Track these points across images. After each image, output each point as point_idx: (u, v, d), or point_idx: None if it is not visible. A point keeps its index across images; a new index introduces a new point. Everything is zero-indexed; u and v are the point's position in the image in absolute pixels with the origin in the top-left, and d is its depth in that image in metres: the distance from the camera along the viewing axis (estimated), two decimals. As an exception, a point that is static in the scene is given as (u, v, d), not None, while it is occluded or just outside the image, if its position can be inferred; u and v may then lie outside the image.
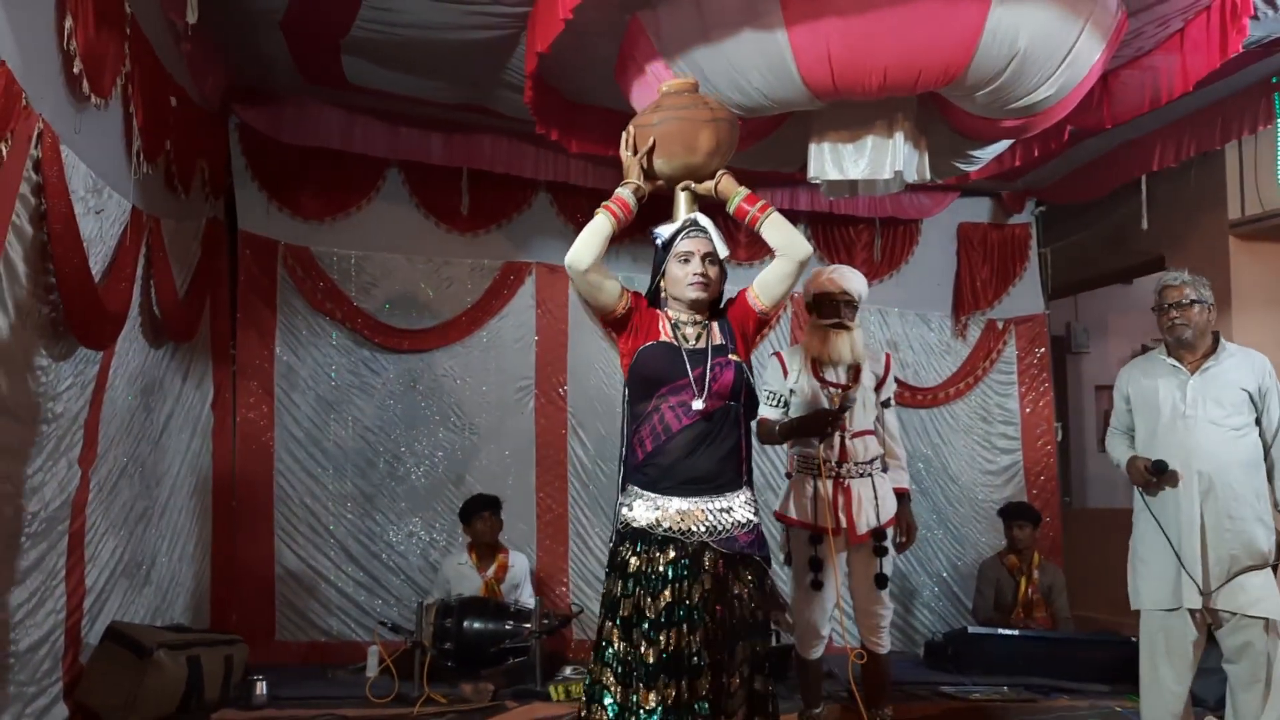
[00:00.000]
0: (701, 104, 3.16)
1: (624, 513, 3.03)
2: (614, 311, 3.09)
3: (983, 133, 4.50)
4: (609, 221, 3.03)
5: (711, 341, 3.07)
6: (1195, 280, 3.97)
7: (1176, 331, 3.96)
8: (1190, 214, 6.47)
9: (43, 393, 3.53)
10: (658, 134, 3.11)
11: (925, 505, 6.93)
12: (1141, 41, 4.60)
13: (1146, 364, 4.15)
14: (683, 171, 3.16)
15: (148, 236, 4.38)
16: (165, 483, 5.20)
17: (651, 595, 2.90)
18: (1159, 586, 3.91)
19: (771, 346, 6.80)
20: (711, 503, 2.99)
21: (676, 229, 3.13)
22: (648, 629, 2.87)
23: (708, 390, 2.98)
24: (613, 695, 2.88)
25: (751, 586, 2.99)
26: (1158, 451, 3.93)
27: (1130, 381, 4.16)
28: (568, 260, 3.01)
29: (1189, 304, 3.93)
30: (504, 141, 6.24)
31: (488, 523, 5.81)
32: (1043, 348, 7.45)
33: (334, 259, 6.38)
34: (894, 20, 3.75)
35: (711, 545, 2.95)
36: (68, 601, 3.94)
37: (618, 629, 2.92)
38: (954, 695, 5.25)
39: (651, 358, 3.04)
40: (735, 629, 2.94)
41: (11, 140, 2.91)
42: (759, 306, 3.13)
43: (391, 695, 4.94)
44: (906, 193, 6.38)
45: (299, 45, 5.12)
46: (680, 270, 3.09)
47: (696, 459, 2.98)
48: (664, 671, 2.84)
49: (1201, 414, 3.88)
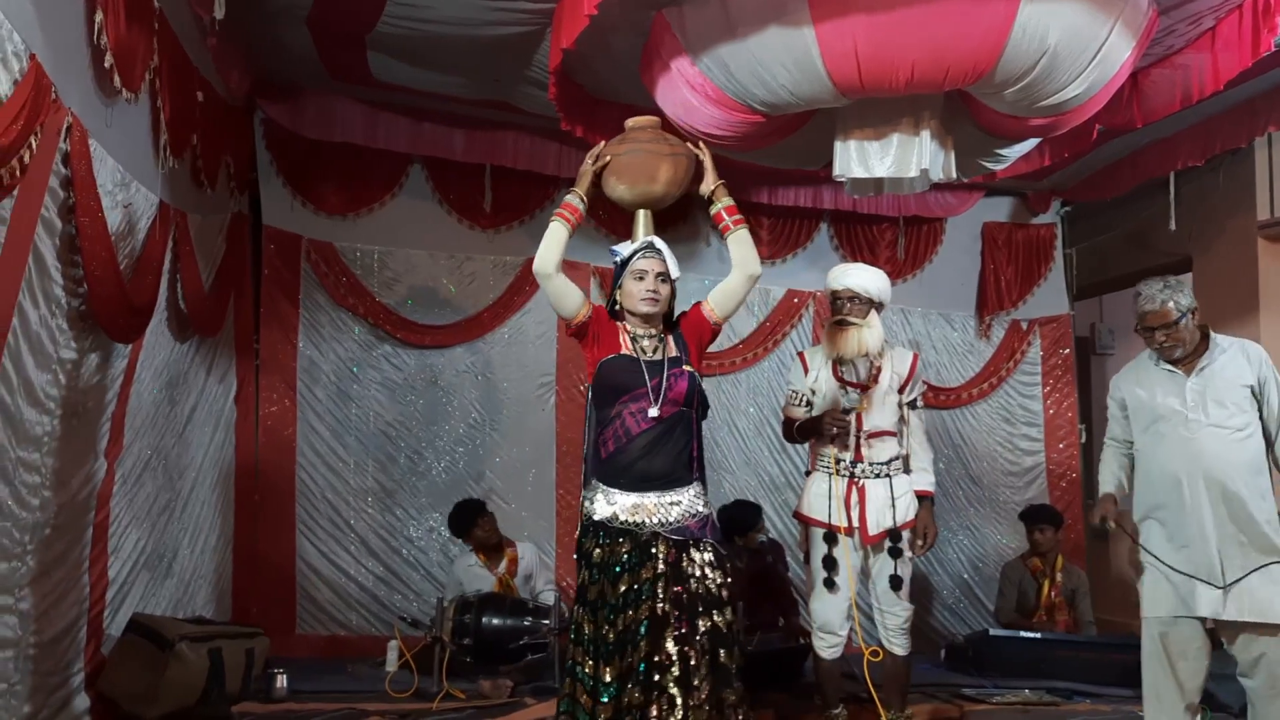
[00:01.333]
0: (662, 140, 3.64)
1: (586, 506, 3.39)
2: (575, 318, 3.45)
3: (1011, 131, 4.46)
4: (563, 227, 3.46)
5: (667, 354, 3.43)
6: (1174, 292, 3.79)
7: (1167, 353, 3.83)
8: (1218, 215, 6.40)
9: (72, 385, 3.54)
10: (624, 163, 3.59)
11: (946, 506, 6.90)
12: (1172, 39, 4.55)
13: (1139, 369, 4.01)
14: (642, 198, 3.64)
15: (174, 231, 4.39)
16: (188, 475, 5.22)
17: (611, 582, 3.26)
18: (1168, 592, 3.79)
19: (795, 346, 6.79)
20: (662, 497, 3.32)
21: (634, 249, 3.50)
22: (608, 613, 3.24)
23: (663, 398, 3.33)
24: (584, 670, 3.26)
25: (707, 567, 3.29)
26: (1161, 456, 3.83)
27: (1125, 390, 4.02)
28: (535, 268, 3.43)
29: (1175, 323, 3.78)
30: (526, 138, 6.25)
31: (484, 528, 5.78)
32: (1067, 348, 7.40)
33: (357, 254, 6.41)
34: (922, 16, 3.72)
35: (662, 534, 3.28)
36: (90, 592, 3.96)
37: (586, 613, 3.30)
38: (975, 697, 5.22)
39: (613, 369, 3.40)
40: (693, 605, 3.23)
41: (41, 133, 2.91)
42: (713, 318, 3.52)
43: (411, 690, 4.95)
44: (931, 191, 6.34)
45: (324, 41, 5.13)
46: (635, 286, 3.44)
47: (652, 459, 3.33)
48: (621, 648, 3.19)
49: (1204, 417, 3.76)
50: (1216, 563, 3.68)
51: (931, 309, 7.30)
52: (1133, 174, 6.43)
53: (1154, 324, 3.82)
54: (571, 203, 3.51)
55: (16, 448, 3.18)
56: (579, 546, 3.40)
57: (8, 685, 3.27)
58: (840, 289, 4.42)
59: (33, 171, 2.89)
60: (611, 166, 3.60)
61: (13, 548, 3.26)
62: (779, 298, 7.01)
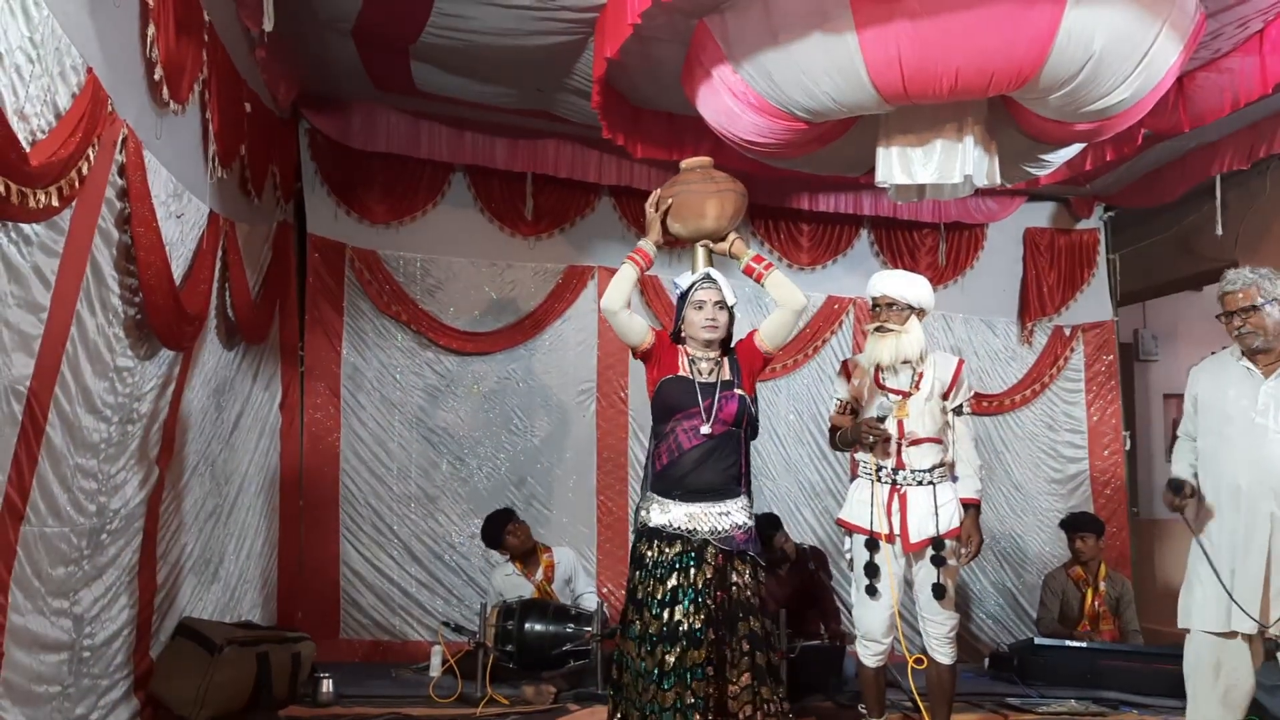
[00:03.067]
0: (709, 179, 3.90)
1: (642, 515, 3.65)
2: (640, 346, 3.75)
3: (1055, 136, 4.42)
4: (634, 270, 3.77)
5: (721, 377, 3.69)
6: (1261, 279, 3.65)
7: (1245, 340, 3.67)
8: (1265, 219, 6.32)
9: (129, 393, 3.61)
10: (676, 203, 3.87)
11: (989, 514, 6.81)
12: (1220, 43, 4.51)
13: (1217, 365, 3.85)
14: (695, 233, 3.91)
15: (223, 240, 4.46)
16: (234, 481, 5.29)
17: (659, 580, 3.51)
18: (1213, 607, 3.65)
19: (835, 352, 6.78)
20: (712, 507, 3.58)
21: (693, 280, 3.77)
22: (655, 608, 3.49)
23: (714, 417, 3.59)
24: (632, 661, 3.51)
25: (747, 576, 3.57)
26: (1223, 461, 3.67)
27: (1199, 383, 3.87)
28: (603, 305, 3.74)
29: (1255, 308, 3.63)
30: (568, 146, 6.30)
31: (516, 534, 5.78)
32: (1111, 355, 7.33)
33: (400, 262, 6.47)
34: (966, 22, 3.71)
35: (712, 542, 3.53)
36: (140, 597, 4.02)
37: (634, 609, 3.55)
38: (1020, 707, 5.17)
39: (670, 389, 3.67)
40: (734, 610, 3.52)
41: (98, 145, 2.98)
42: (764, 348, 3.79)
43: (455, 695, 4.98)
44: (973, 197, 6.32)
45: (369, 52, 5.19)
46: (695, 315, 3.71)
47: (702, 472, 3.59)
48: (668, 640, 3.44)
49: (1274, 423, 3.59)
50: (1260, 587, 3.54)
51: (973, 315, 7.26)
52: (1179, 180, 6.36)
53: (1233, 307, 3.67)
54: (644, 248, 3.83)
55: (75, 454, 3.25)
56: (633, 551, 3.67)
57: (61, 688, 3.33)
58: (878, 295, 4.40)
59: (90, 182, 2.96)
60: (661, 202, 3.88)
61: (70, 552, 3.32)
62: (819, 304, 6.99)
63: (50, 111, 2.78)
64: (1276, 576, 3.55)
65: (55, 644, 3.28)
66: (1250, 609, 3.55)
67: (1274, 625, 3.54)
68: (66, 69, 2.85)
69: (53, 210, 2.75)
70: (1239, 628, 3.60)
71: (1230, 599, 3.60)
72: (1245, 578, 3.59)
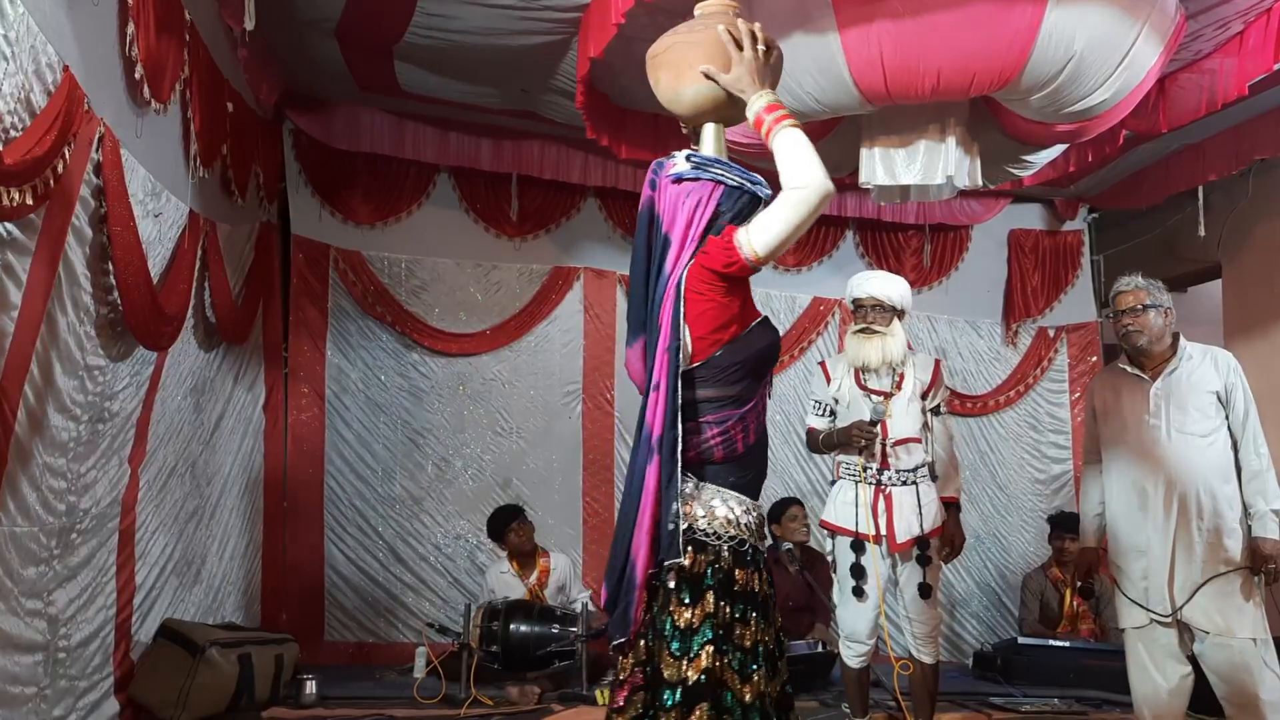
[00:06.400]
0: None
1: (721, 512, 2.40)
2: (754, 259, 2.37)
3: (1037, 137, 4.44)
4: None
5: None
6: (1151, 286, 3.88)
7: (1131, 339, 3.88)
8: (1247, 222, 6.34)
9: (100, 392, 3.58)
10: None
11: (973, 514, 6.86)
12: (1200, 44, 4.53)
13: (1111, 375, 4.06)
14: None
15: (204, 240, 4.44)
16: (216, 482, 5.26)
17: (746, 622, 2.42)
18: (1130, 605, 3.84)
19: (820, 354, 6.78)
20: None
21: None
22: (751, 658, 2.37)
23: None
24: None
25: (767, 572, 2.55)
26: (1126, 465, 3.84)
27: (1096, 395, 4.07)
28: (829, 186, 2.28)
29: (1142, 310, 3.84)
30: (553, 147, 6.30)
31: (519, 532, 5.80)
32: (1095, 356, 7.34)
33: (384, 263, 6.45)
34: (948, 23, 3.72)
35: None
36: (118, 598, 4.00)
37: (730, 652, 2.46)
38: (1003, 706, 5.18)
39: (767, 336, 2.45)
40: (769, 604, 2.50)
41: (74, 144, 2.96)
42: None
43: (439, 696, 4.97)
44: (957, 199, 6.33)
45: (353, 52, 5.18)
46: None
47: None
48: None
49: (1167, 422, 3.77)
50: (1166, 581, 3.71)
51: (958, 316, 7.27)
52: (1163, 182, 6.39)
53: (1123, 306, 3.89)
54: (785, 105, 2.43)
55: (43, 453, 3.22)
56: (709, 567, 2.40)
57: (37, 689, 3.30)
58: (863, 297, 4.41)
59: (65, 181, 2.94)
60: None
61: (40, 552, 3.29)
62: (805, 305, 7.00)
63: (25, 110, 2.76)
64: (1180, 569, 3.71)
65: (30, 645, 3.24)
66: (1161, 600, 3.73)
67: (1183, 612, 3.69)
68: (42, 67, 2.83)
69: (27, 209, 2.74)
70: (1158, 620, 3.75)
71: (1129, 599, 3.82)
72: (1154, 574, 3.76)
